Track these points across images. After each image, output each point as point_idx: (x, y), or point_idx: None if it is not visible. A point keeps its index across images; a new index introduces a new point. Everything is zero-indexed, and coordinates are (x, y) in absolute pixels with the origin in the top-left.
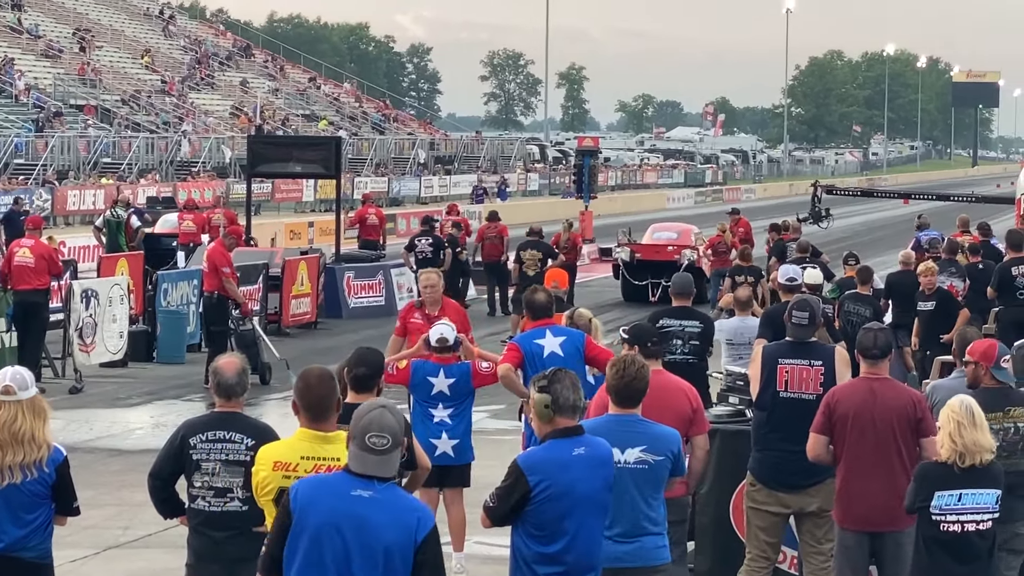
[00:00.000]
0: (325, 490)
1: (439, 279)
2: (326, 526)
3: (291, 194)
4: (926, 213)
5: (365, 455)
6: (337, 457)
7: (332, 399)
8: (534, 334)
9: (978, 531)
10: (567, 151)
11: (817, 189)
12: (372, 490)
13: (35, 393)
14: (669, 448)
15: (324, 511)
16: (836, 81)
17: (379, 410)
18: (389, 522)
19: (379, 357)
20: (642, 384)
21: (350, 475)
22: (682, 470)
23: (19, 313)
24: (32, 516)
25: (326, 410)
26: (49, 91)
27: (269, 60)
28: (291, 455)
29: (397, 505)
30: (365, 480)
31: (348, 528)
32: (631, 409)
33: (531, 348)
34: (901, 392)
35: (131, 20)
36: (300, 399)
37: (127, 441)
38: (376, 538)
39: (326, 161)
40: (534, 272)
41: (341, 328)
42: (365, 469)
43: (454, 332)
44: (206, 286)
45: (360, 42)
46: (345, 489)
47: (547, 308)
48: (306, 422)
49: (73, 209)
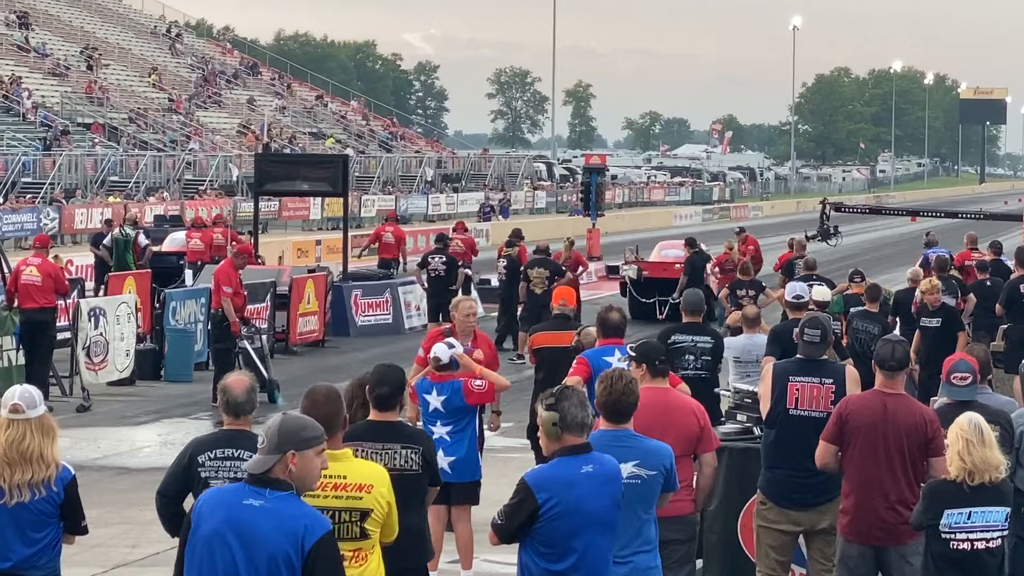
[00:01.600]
0: (220, 499)
1: (478, 308)
2: (216, 535)
3: (298, 212)
4: (934, 230)
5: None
6: (344, 475)
7: (338, 417)
8: (604, 351)
9: (988, 549)
10: (574, 169)
11: (826, 207)
12: (263, 499)
13: (43, 412)
14: (661, 463)
15: (216, 520)
16: (843, 98)
17: (279, 415)
18: (274, 530)
19: (400, 374)
20: (632, 399)
21: (248, 485)
22: (674, 485)
23: (26, 331)
24: (40, 535)
25: (332, 428)
26: (56, 109)
27: (276, 78)
28: None
29: (285, 513)
30: (259, 489)
31: (234, 537)
32: (622, 424)
33: (599, 364)
34: (915, 409)
35: (138, 38)
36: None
37: (135, 459)
38: (260, 547)
39: (333, 179)
40: (541, 290)
41: (348, 346)
42: (247, 465)
43: (450, 352)
44: (213, 304)
45: (367, 60)
46: (238, 499)
47: (619, 327)
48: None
49: (81, 228)
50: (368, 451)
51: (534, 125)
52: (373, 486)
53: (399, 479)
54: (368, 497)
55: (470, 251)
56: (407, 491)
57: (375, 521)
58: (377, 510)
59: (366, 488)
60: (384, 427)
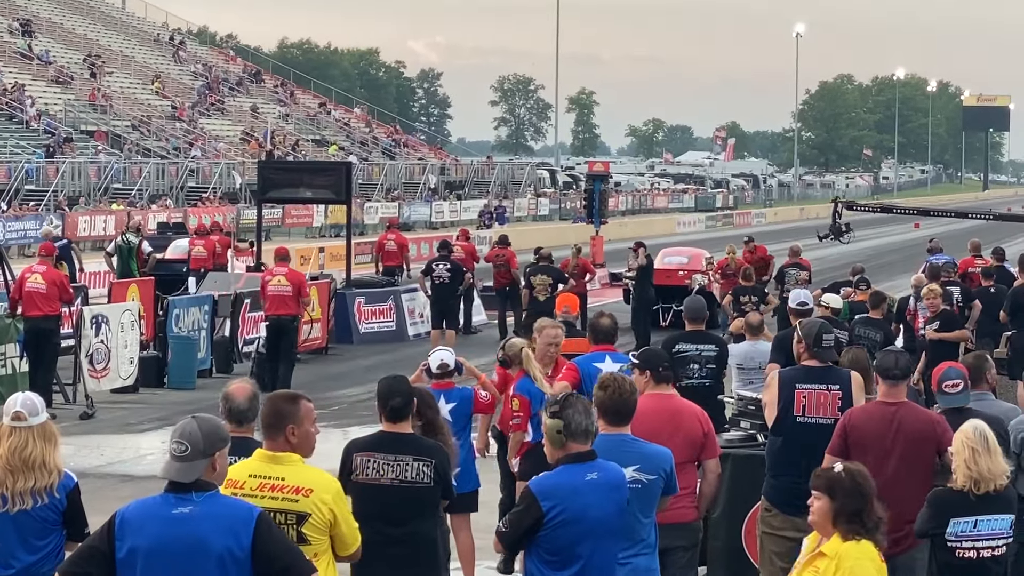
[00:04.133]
0: (148, 514)
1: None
2: (156, 550)
3: (301, 219)
4: (938, 237)
5: (169, 461)
6: (282, 477)
7: (284, 419)
8: (594, 357)
9: (993, 557)
10: (577, 176)
11: (838, 205)
12: (192, 504)
13: (46, 419)
14: (662, 467)
15: (151, 536)
16: (846, 105)
17: (187, 419)
18: (213, 531)
19: (408, 384)
20: (635, 399)
21: (172, 494)
22: (674, 488)
23: (30, 339)
24: (43, 542)
25: (278, 429)
26: (60, 117)
27: (279, 85)
28: (241, 473)
29: (218, 512)
30: (183, 495)
31: (177, 548)
32: (622, 428)
33: (589, 370)
34: (921, 415)
35: (141, 46)
36: (261, 420)
37: (138, 467)
38: (206, 552)
39: (336, 186)
40: (544, 297)
41: (352, 354)
42: (167, 474)
43: (454, 356)
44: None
45: (370, 67)
46: (167, 510)
47: (609, 333)
48: (264, 443)
49: (84, 235)
50: (380, 462)
51: (537, 132)
52: (312, 491)
53: (410, 491)
54: (305, 501)
55: (471, 258)
56: (418, 503)
57: (315, 527)
58: (316, 515)
59: (303, 491)
60: (397, 439)
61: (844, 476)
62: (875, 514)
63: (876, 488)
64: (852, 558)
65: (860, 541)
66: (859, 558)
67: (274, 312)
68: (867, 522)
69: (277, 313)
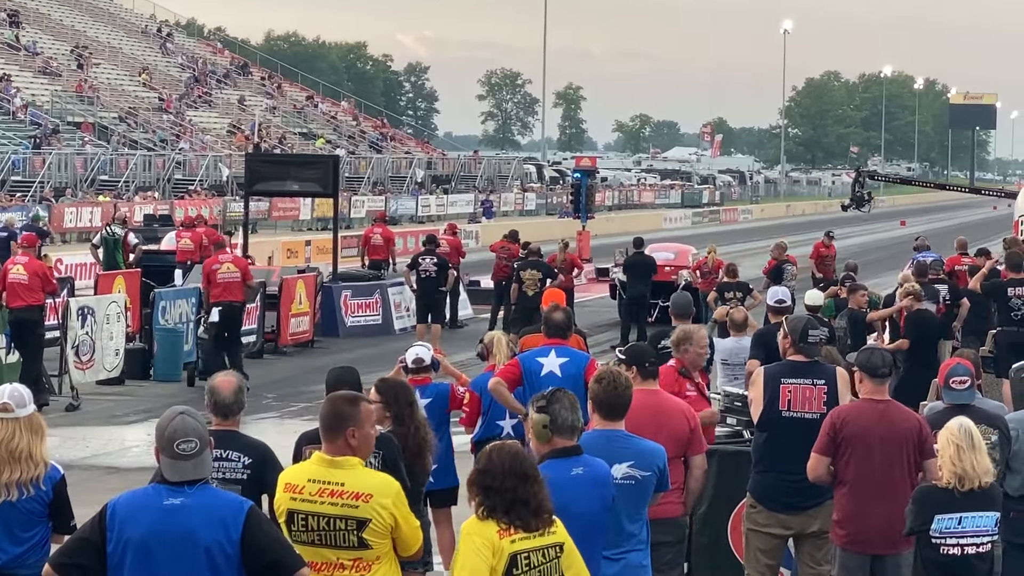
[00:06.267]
0: (139, 505)
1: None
2: (147, 541)
3: (288, 212)
4: (924, 235)
5: (179, 463)
6: (342, 482)
7: (344, 422)
8: (539, 352)
9: (978, 554)
10: (564, 171)
11: (860, 174)
12: (183, 496)
13: (33, 411)
14: (655, 463)
15: (142, 526)
16: (833, 102)
17: (180, 417)
18: (203, 524)
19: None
20: (627, 395)
21: (163, 485)
22: (666, 485)
23: (14, 330)
24: (29, 534)
25: (335, 432)
26: (46, 108)
27: (266, 78)
28: (300, 477)
29: (210, 504)
30: (175, 487)
31: (168, 539)
32: (616, 423)
33: (530, 365)
34: (907, 415)
35: (129, 38)
36: (319, 422)
37: (124, 459)
38: (194, 543)
39: (323, 180)
40: (533, 292)
41: (338, 347)
42: (182, 476)
43: (430, 352)
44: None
45: (358, 61)
46: (158, 501)
47: (561, 327)
48: (323, 445)
49: (70, 226)
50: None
51: (524, 127)
52: (372, 496)
53: None
54: (365, 507)
55: (456, 253)
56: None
57: (376, 532)
58: (376, 520)
59: (363, 497)
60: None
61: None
62: None
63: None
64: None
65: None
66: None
67: (226, 298)
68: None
69: (229, 299)
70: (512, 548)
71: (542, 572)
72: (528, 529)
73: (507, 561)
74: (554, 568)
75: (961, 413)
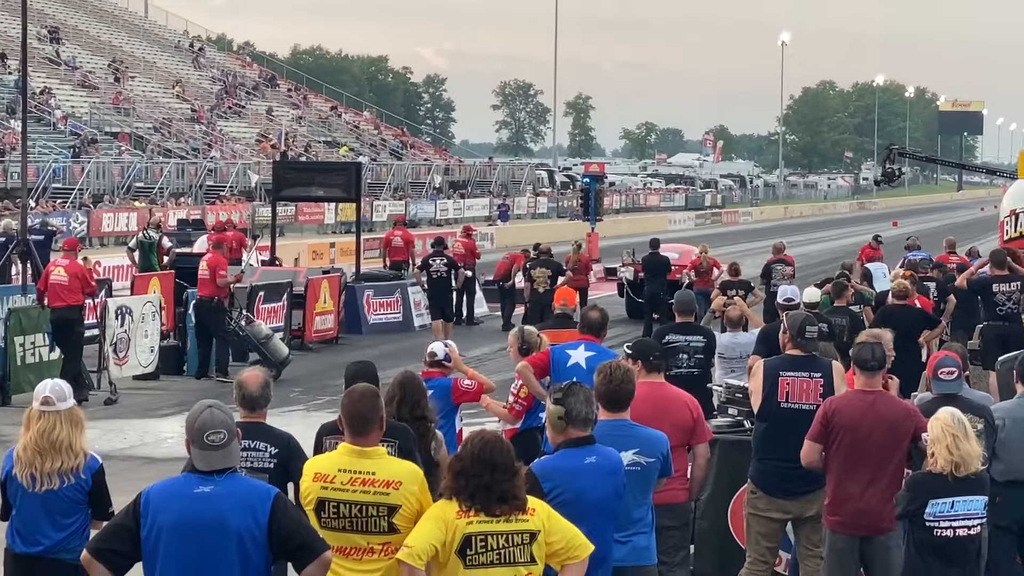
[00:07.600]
0: (171, 493)
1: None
2: (179, 526)
3: (314, 217)
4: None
5: (209, 453)
6: (373, 471)
7: (373, 414)
8: (569, 344)
9: (968, 536)
10: (574, 176)
11: (891, 152)
12: (213, 484)
13: (73, 404)
14: (659, 450)
15: (174, 513)
16: (828, 110)
17: (208, 410)
18: (232, 510)
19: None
20: (630, 387)
21: (194, 474)
22: (669, 471)
23: (55, 328)
24: (70, 520)
25: (365, 425)
26: (85, 119)
27: (293, 90)
28: (330, 467)
29: (238, 492)
30: (205, 476)
31: (200, 526)
32: (621, 413)
33: (558, 356)
34: (896, 404)
35: (163, 52)
36: (343, 414)
37: (159, 450)
38: (224, 529)
39: (346, 185)
40: (544, 289)
41: (361, 343)
42: (212, 465)
43: (445, 349)
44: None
45: (379, 73)
46: (189, 489)
47: (595, 325)
48: (348, 437)
49: (108, 231)
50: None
51: (536, 135)
52: (402, 483)
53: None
54: (396, 493)
55: (470, 254)
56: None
57: (405, 517)
58: (406, 506)
59: (394, 484)
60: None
61: None
62: None
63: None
64: None
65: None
66: None
67: (55, 304)
68: None
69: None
70: (468, 529)
71: (502, 556)
72: (489, 513)
73: (461, 540)
74: (520, 553)
75: (949, 403)
